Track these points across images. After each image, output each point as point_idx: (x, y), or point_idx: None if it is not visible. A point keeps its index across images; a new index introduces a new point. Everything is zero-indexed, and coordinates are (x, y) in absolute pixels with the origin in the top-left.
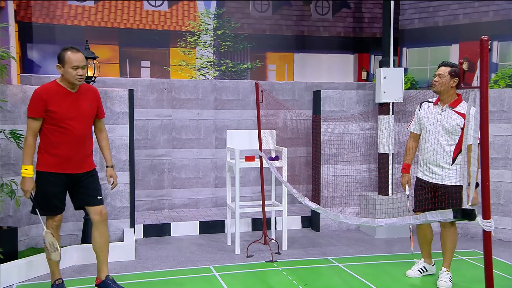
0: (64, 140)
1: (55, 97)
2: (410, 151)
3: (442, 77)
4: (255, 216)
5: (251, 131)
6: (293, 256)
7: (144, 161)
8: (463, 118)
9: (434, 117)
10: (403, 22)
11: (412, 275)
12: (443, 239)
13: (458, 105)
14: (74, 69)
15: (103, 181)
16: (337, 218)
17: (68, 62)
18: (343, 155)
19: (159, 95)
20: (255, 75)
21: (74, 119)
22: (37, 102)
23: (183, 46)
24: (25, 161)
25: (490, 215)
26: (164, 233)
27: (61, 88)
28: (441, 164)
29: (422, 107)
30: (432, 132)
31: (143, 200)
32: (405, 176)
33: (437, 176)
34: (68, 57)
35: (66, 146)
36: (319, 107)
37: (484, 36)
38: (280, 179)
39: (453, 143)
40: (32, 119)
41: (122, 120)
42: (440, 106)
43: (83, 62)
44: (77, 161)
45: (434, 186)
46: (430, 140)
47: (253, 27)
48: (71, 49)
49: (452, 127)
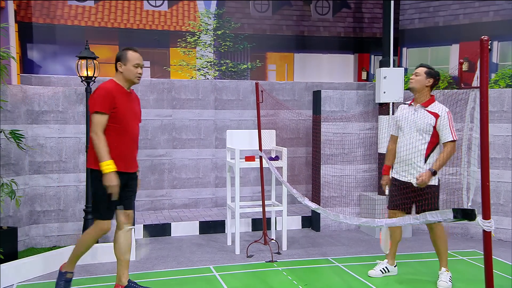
0: (124, 139)
1: (119, 95)
2: (390, 152)
3: (418, 75)
4: (255, 216)
5: (251, 131)
6: (293, 256)
7: (144, 161)
8: (434, 117)
9: (408, 117)
10: (403, 22)
11: (374, 275)
12: (434, 240)
13: (430, 104)
14: (135, 67)
15: None
16: (337, 218)
17: (131, 60)
18: (343, 155)
19: (159, 95)
20: (255, 75)
21: (131, 119)
22: (106, 97)
23: (183, 46)
24: (105, 157)
25: (490, 215)
26: (164, 233)
27: (121, 87)
28: (414, 162)
29: (399, 109)
30: (406, 131)
31: (143, 200)
32: (385, 177)
33: (409, 175)
34: (130, 55)
35: (125, 146)
36: (319, 107)
37: (484, 36)
38: (280, 179)
39: (426, 142)
40: (100, 114)
41: None
42: (413, 106)
43: (142, 61)
44: (131, 160)
45: (406, 184)
46: (405, 140)
47: (253, 27)
48: (131, 48)
49: (424, 126)
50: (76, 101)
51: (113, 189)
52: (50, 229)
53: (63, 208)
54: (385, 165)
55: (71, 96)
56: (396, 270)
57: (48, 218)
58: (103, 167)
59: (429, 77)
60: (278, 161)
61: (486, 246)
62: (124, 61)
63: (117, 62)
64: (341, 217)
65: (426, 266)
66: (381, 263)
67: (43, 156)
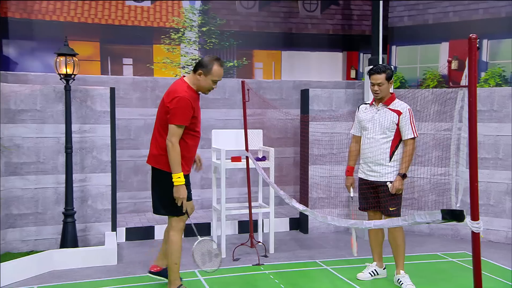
0: (195, 143)
1: (196, 103)
2: (352, 153)
3: (382, 85)
4: (241, 218)
5: (237, 131)
6: (281, 259)
7: (127, 162)
8: (397, 114)
9: (371, 117)
10: (392, 19)
11: (363, 278)
12: (392, 238)
13: (392, 102)
14: (214, 82)
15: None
16: (325, 220)
17: (214, 74)
18: (332, 155)
19: (142, 93)
20: (241, 73)
21: (199, 123)
22: (188, 111)
23: (167, 43)
24: (178, 169)
25: (479, 216)
26: (148, 236)
27: (195, 93)
28: (380, 161)
29: (360, 109)
30: (371, 131)
31: (126, 202)
32: (349, 178)
33: (376, 173)
34: (215, 69)
35: (195, 149)
36: (307, 106)
37: (473, 34)
38: (267, 180)
39: (389, 140)
40: (181, 127)
41: (103, 119)
42: (375, 105)
43: (221, 78)
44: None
45: (373, 184)
46: (369, 139)
47: (239, 24)
48: (219, 62)
49: (387, 124)
50: (55, 99)
51: (178, 201)
52: (28, 233)
53: (41, 211)
54: (348, 166)
55: (50, 94)
56: (385, 272)
57: (25, 221)
58: (174, 178)
59: (389, 79)
60: (265, 161)
61: (474, 248)
62: (206, 72)
63: (200, 67)
64: (329, 219)
65: (416, 268)
66: (370, 266)
67: (19, 157)
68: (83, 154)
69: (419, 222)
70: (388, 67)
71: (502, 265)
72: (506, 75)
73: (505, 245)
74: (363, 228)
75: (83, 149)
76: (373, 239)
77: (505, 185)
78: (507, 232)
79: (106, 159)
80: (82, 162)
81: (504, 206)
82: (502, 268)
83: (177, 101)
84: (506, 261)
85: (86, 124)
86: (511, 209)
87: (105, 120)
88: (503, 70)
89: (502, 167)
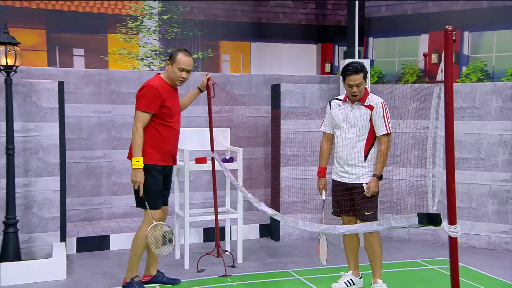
0: (170, 135)
1: (167, 93)
2: (324, 152)
3: (360, 85)
4: (207, 225)
5: (202, 130)
6: (250, 269)
7: (78, 164)
8: (369, 109)
9: (345, 115)
10: (369, 9)
11: None
12: (368, 245)
13: (366, 98)
14: (180, 71)
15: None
16: (296, 225)
17: (177, 63)
18: (306, 156)
19: (95, 88)
20: (206, 67)
21: (176, 115)
22: (155, 98)
23: (124, 32)
24: (138, 153)
25: (456, 219)
26: (102, 246)
27: (168, 84)
28: (355, 162)
29: (332, 105)
30: (344, 130)
31: (76, 209)
32: (321, 180)
33: (351, 175)
34: (178, 58)
35: (172, 141)
36: (278, 103)
37: (449, 26)
38: (234, 183)
39: (364, 138)
40: (146, 113)
41: (51, 117)
42: (349, 102)
43: (190, 66)
44: (175, 154)
45: (348, 186)
46: (344, 139)
47: (204, 12)
48: (184, 51)
49: (362, 122)
50: None
51: (135, 184)
52: None
53: None
54: (320, 166)
55: None
56: (362, 282)
57: None
58: (133, 161)
59: (365, 78)
60: (233, 162)
61: (452, 254)
62: (172, 61)
63: (168, 59)
64: (300, 224)
65: (394, 277)
66: (345, 275)
67: None
68: (27, 155)
69: (395, 227)
70: (362, 64)
71: (484, 272)
72: (488, 69)
73: (487, 251)
74: (336, 233)
75: (27, 150)
76: (348, 246)
77: (487, 187)
78: (489, 236)
79: (54, 161)
80: (26, 165)
81: (487, 209)
82: (484, 275)
83: (145, 89)
84: (489, 268)
85: (31, 122)
86: (493, 212)
87: (53, 117)
88: (485, 64)
89: (484, 168)
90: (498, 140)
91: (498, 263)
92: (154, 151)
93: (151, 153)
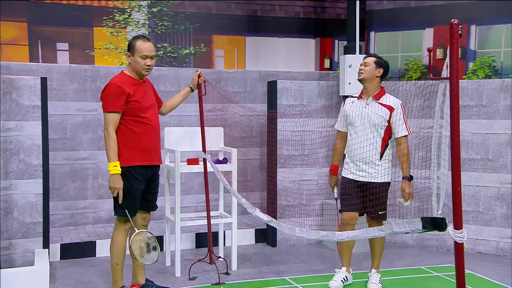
0: (146, 131)
1: (133, 87)
2: (337, 151)
3: (368, 65)
4: (199, 230)
5: (194, 129)
6: (244, 277)
7: (62, 166)
8: (388, 109)
9: (359, 112)
10: (370, 2)
11: (335, 286)
12: (372, 241)
13: (382, 97)
14: (143, 59)
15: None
16: (292, 232)
17: (138, 51)
18: (303, 156)
19: (80, 85)
20: (199, 62)
21: (150, 109)
22: (118, 95)
23: (111, 25)
24: (113, 157)
25: (462, 224)
26: (87, 253)
27: (132, 78)
28: (371, 160)
29: (346, 102)
30: (359, 127)
31: (60, 213)
32: (333, 177)
33: (366, 174)
34: (138, 46)
35: (149, 137)
36: (274, 101)
37: (454, 19)
38: (227, 187)
39: (380, 137)
40: (114, 113)
41: (32, 115)
42: (364, 99)
43: (152, 52)
44: (157, 151)
45: (362, 185)
46: (359, 137)
47: (196, 4)
48: (142, 38)
49: (378, 120)
50: None
51: (113, 192)
52: None
53: None
54: (333, 164)
55: None
56: (352, 278)
57: None
58: (110, 167)
59: (379, 66)
60: (227, 164)
61: (458, 260)
62: (132, 52)
63: (127, 51)
64: (297, 231)
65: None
66: (340, 272)
67: None
68: (7, 156)
69: (397, 232)
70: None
71: (492, 280)
72: (496, 65)
73: (495, 257)
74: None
75: (7, 151)
76: (345, 243)
77: (495, 190)
78: (497, 242)
79: (36, 162)
80: (6, 167)
81: (495, 213)
82: (491, 283)
83: (107, 89)
84: (497, 275)
85: (11, 121)
86: (502, 216)
87: (35, 116)
88: (493, 60)
89: (491, 169)
90: (506, 140)
91: (506, 270)
92: (129, 151)
93: (126, 153)
